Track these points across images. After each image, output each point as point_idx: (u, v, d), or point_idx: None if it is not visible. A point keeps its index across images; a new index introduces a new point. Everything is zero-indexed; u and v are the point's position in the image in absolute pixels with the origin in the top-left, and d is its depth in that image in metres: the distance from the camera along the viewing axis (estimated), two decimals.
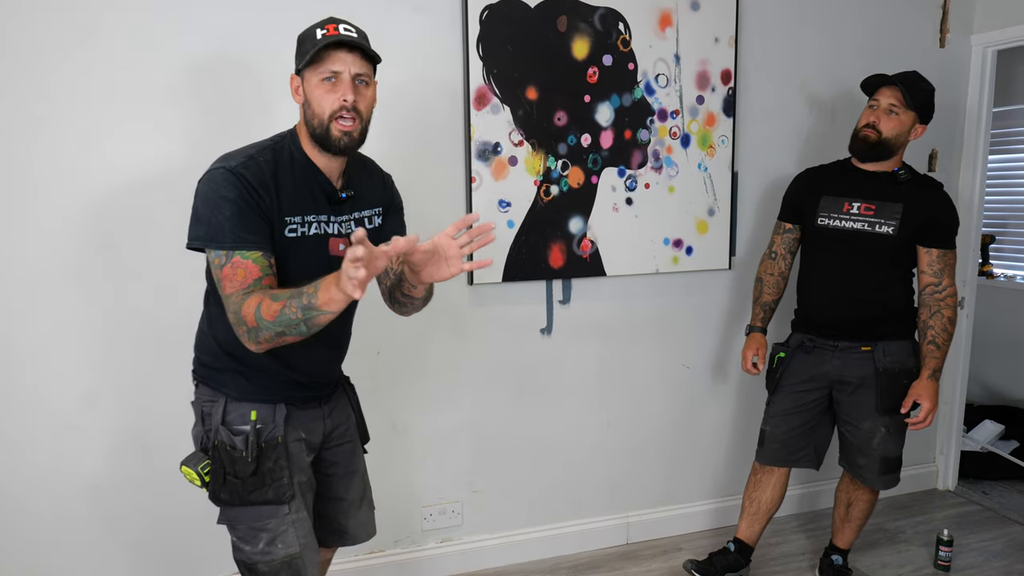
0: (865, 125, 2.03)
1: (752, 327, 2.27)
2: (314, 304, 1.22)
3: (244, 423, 1.40)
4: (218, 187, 1.29)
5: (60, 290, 1.89)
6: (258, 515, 1.40)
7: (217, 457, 1.39)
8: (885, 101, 2.00)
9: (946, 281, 2.02)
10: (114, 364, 1.96)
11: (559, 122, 2.25)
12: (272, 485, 1.39)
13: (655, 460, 2.62)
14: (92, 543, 2.00)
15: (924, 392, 2.00)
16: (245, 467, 1.38)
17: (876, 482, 2.12)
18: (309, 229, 1.39)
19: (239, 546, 1.43)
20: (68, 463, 1.95)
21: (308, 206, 1.39)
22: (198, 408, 1.46)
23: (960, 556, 2.49)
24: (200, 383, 1.47)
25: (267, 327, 1.25)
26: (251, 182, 1.30)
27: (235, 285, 1.28)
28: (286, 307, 1.24)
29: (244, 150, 1.37)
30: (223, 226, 1.28)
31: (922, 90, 2.01)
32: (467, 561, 2.40)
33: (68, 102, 1.83)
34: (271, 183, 1.33)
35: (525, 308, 2.35)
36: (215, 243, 1.29)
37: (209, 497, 1.42)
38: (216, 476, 1.39)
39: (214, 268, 1.31)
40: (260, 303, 1.25)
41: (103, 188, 1.89)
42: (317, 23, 1.36)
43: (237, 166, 1.31)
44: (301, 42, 1.37)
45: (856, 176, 2.08)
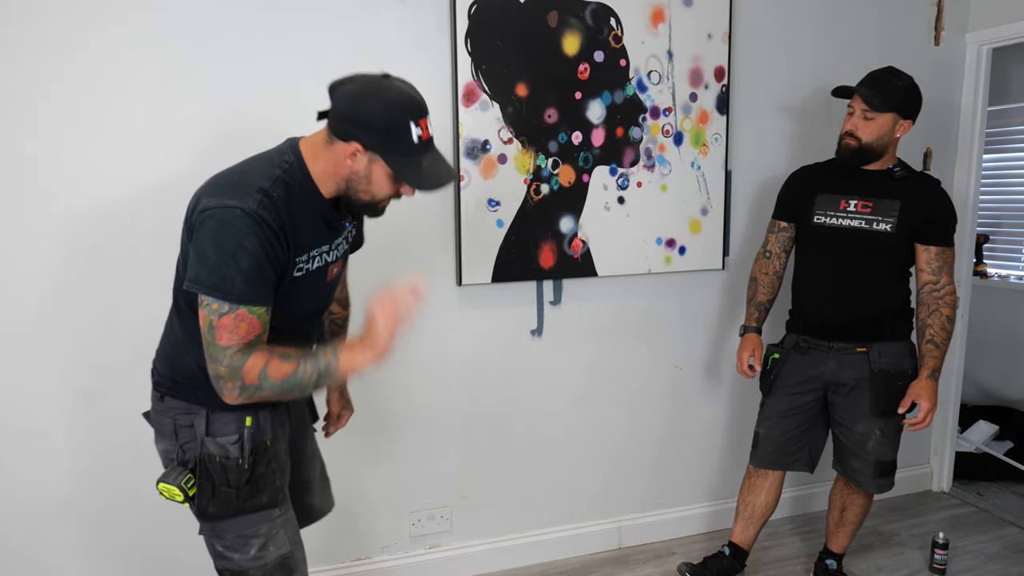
0: (846, 133, 2.00)
1: (747, 328, 2.23)
2: (333, 370, 1.22)
3: (233, 431, 1.35)
4: (237, 234, 1.18)
5: (50, 296, 1.84)
6: (248, 523, 1.36)
7: (204, 470, 1.34)
8: (858, 107, 1.97)
9: (944, 279, 1.98)
10: (108, 370, 1.91)
11: (549, 119, 2.20)
12: (266, 490, 1.37)
13: (647, 463, 2.58)
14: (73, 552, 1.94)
15: (923, 392, 1.96)
16: (240, 475, 1.34)
17: (870, 486, 2.09)
18: (313, 264, 1.35)
19: (226, 555, 1.38)
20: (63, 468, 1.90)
21: (315, 241, 1.34)
22: (167, 422, 1.38)
23: (955, 559, 2.46)
24: (168, 395, 1.39)
25: (271, 387, 1.22)
26: (272, 228, 1.21)
27: (234, 339, 1.21)
28: (299, 369, 1.21)
29: (253, 178, 1.24)
30: (235, 279, 1.19)
31: (895, 88, 1.94)
32: (456, 567, 2.35)
33: (72, 106, 1.78)
34: (287, 225, 1.25)
35: (515, 309, 2.30)
36: (221, 293, 1.19)
37: (196, 513, 1.37)
38: (204, 490, 1.34)
39: (209, 311, 1.20)
40: (268, 363, 1.21)
41: (102, 197, 1.85)
42: (404, 105, 1.23)
43: (256, 208, 1.19)
44: (389, 128, 1.22)
45: (852, 174, 2.04)
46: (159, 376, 1.42)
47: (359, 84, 1.25)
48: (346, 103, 1.24)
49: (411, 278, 1.22)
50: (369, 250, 2.06)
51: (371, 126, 1.22)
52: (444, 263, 2.19)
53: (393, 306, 1.19)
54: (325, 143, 1.28)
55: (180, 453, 1.36)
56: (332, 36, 1.99)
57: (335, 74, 1.96)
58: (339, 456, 2.17)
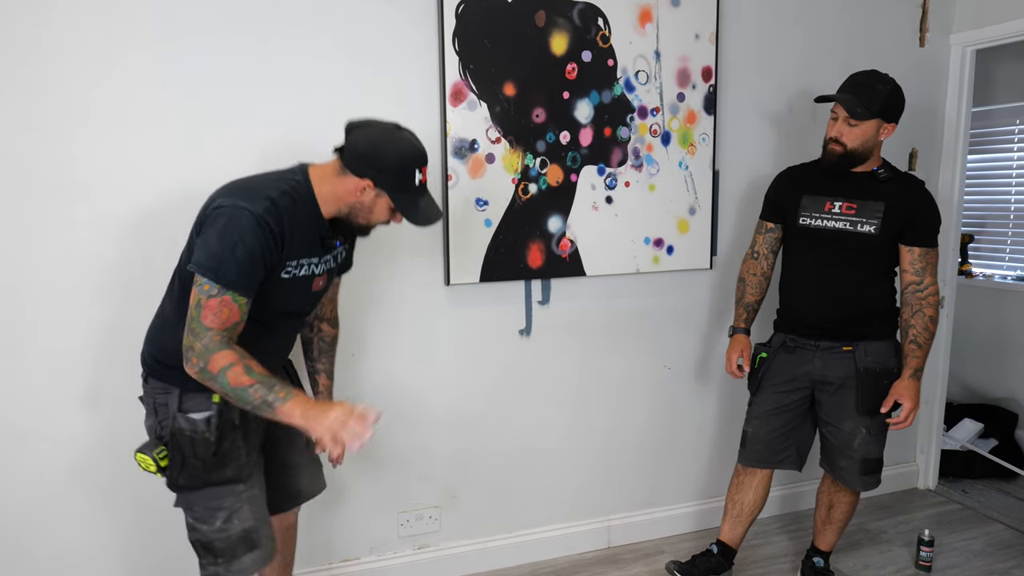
0: (830, 139, 2.00)
1: (736, 328, 2.24)
2: (275, 406, 1.34)
3: (204, 408, 1.47)
4: (241, 230, 1.35)
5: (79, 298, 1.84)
6: (214, 495, 1.48)
7: (175, 444, 1.46)
8: (842, 113, 1.97)
9: (928, 280, 2.00)
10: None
11: (537, 119, 2.20)
12: (231, 464, 1.49)
13: (636, 462, 2.58)
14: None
15: (905, 392, 1.98)
16: (207, 448, 1.46)
17: (857, 483, 2.10)
18: (300, 271, 1.50)
19: (196, 527, 1.50)
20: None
21: (306, 251, 1.50)
22: (150, 400, 1.52)
23: (941, 556, 2.48)
24: (151, 377, 1.53)
25: (222, 385, 1.34)
26: (272, 232, 1.39)
27: (216, 322, 1.35)
28: (252, 389, 1.34)
29: (264, 188, 1.42)
30: (230, 267, 1.35)
31: (878, 93, 1.94)
32: (445, 567, 2.35)
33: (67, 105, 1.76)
34: (287, 232, 1.42)
35: (503, 309, 2.30)
36: (215, 276, 1.34)
37: (167, 483, 1.49)
38: (174, 461, 1.47)
39: (200, 291, 1.35)
40: (233, 365, 1.34)
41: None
42: (414, 155, 1.47)
43: (263, 213, 1.37)
44: (400, 171, 1.45)
45: (837, 175, 2.05)
46: (144, 356, 1.56)
47: (376, 130, 1.47)
48: (364, 146, 1.45)
49: (370, 410, 1.35)
50: (358, 250, 2.06)
51: (384, 169, 1.44)
52: (432, 262, 2.19)
53: (348, 424, 1.33)
54: (336, 173, 1.48)
55: (158, 428, 1.50)
56: (320, 36, 1.98)
57: (323, 74, 1.98)
58: (325, 455, 2.17)
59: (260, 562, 1.55)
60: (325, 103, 2.00)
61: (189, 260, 1.41)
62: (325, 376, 1.84)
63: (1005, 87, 3.54)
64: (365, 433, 1.33)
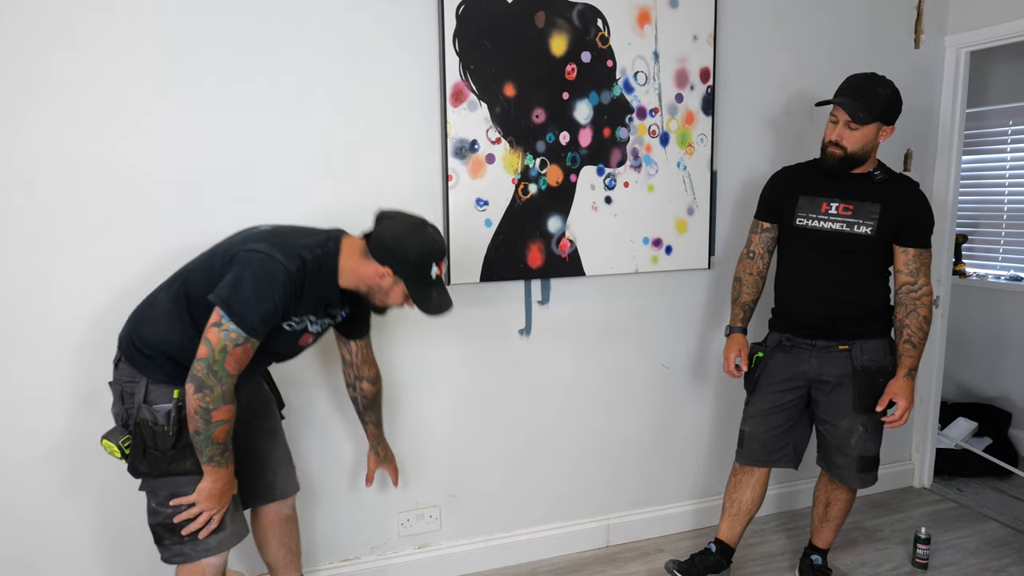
0: (830, 143, 2.01)
1: (732, 328, 2.25)
2: (211, 461, 1.51)
3: (166, 401, 1.53)
4: (273, 284, 1.47)
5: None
6: (177, 484, 1.54)
7: (138, 433, 1.53)
8: (842, 117, 1.98)
9: (922, 280, 2.02)
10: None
11: (537, 119, 2.21)
12: (191, 458, 1.53)
13: (634, 461, 2.59)
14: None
15: (900, 391, 2.00)
16: (166, 440, 1.52)
17: (854, 481, 2.12)
18: (299, 325, 1.60)
19: (158, 510, 1.56)
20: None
21: (312, 310, 1.60)
22: (117, 388, 1.58)
23: (937, 553, 2.50)
24: (124, 362, 1.57)
25: (206, 430, 1.47)
26: (296, 288, 1.51)
27: (236, 368, 1.47)
28: (217, 445, 1.49)
29: (299, 246, 1.53)
30: (255, 317, 1.46)
31: (879, 96, 1.96)
32: (445, 567, 2.35)
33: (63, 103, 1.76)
34: (304, 292, 1.53)
35: (503, 308, 2.31)
36: (242, 325, 1.45)
37: (128, 469, 1.54)
38: (136, 450, 1.53)
39: (226, 336, 1.44)
40: (226, 423, 1.49)
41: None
42: (433, 251, 1.59)
43: (295, 271, 1.49)
44: (418, 266, 1.58)
45: (834, 176, 2.06)
46: (123, 338, 1.60)
47: (403, 225, 1.60)
48: (389, 238, 1.57)
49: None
50: None
51: (405, 262, 1.57)
52: None
53: (216, 502, 1.55)
54: (362, 253, 1.60)
55: (125, 416, 1.56)
56: (320, 36, 1.98)
57: (322, 75, 1.99)
58: (327, 456, 2.18)
59: (226, 544, 1.61)
60: (325, 102, 2.01)
61: (206, 281, 1.51)
62: (372, 426, 2.00)
63: (998, 88, 3.57)
64: (212, 516, 1.55)
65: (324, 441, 2.17)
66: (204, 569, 1.60)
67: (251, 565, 2.13)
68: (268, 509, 1.87)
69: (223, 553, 1.62)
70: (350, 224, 2.05)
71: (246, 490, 1.75)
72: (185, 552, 1.57)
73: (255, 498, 1.83)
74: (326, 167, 2.04)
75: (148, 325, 1.57)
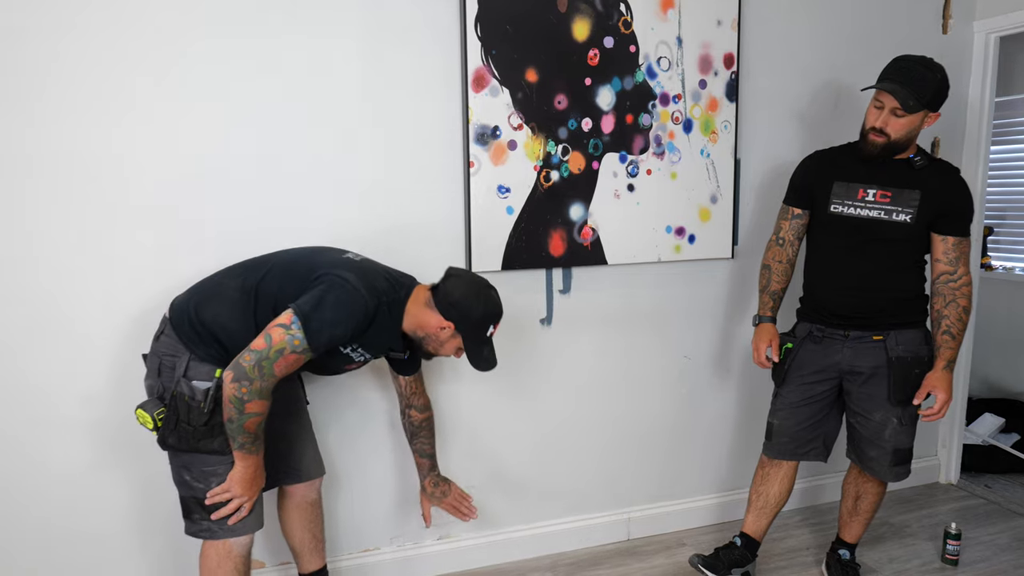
0: (872, 129, 1.93)
1: (761, 317, 2.19)
2: (242, 448, 1.54)
3: (206, 379, 1.56)
4: (350, 314, 1.55)
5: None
6: (208, 461, 1.58)
7: (173, 406, 1.55)
8: (889, 103, 1.89)
9: (961, 269, 1.96)
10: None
11: (559, 105, 2.18)
12: (219, 437, 1.56)
13: (656, 454, 2.56)
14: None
15: (939, 383, 1.94)
16: (200, 417, 1.54)
17: (888, 474, 2.07)
18: (354, 353, 1.68)
19: (192, 484, 1.59)
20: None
21: (371, 348, 1.69)
22: (155, 360, 1.60)
23: (967, 550, 2.44)
24: (169, 335, 1.59)
25: (239, 420, 1.49)
26: (369, 323, 1.59)
27: (283, 373, 1.52)
28: (247, 435, 1.52)
29: (382, 288, 1.62)
30: (324, 337, 1.52)
31: (928, 83, 1.87)
32: (465, 558, 2.33)
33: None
34: (370, 329, 1.61)
35: (524, 297, 2.28)
36: (310, 339, 1.50)
37: (157, 440, 1.57)
38: (168, 423, 1.55)
39: (289, 340, 1.49)
40: (259, 416, 1.51)
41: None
42: (494, 314, 1.71)
43: (372, 309, 1.58)
44: (479, 326, 1.69)
45: (871, 162, 1.99)
46: (174, 308, 1.63)
47: (471, 285, 1.70)
48: (457, 296, 1.68)
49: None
50: (381, 231, 2.05)
51: (467, 320, 1.67)
52: (453, 249, 2.17)
53: (247, 489, 1.59)
54: (427, 303, 1.69)
55: (160, 388, 1.58)
56: (342, 23, 1.96)
57: (346, 59, 1.96)
58: (347, 445, 2.16)
59: (250, 527, 1.64)
60: (347, 87, 1.99)
61: (281, 286, 1.58)
62: (419, 456, 2.00)
63: None
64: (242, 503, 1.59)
65: (345, 431, 2.15)
66: (231, 547, 1.62)
67: (271, 556, 2.11)
68: (295, 490, 1.88)
69: (249, 536, 1.64)
70: (369, 211, 2.05)
71: (273, 469, 1.76)
72: (212, 529, 1.60)
73: (282, 477, 1.85)
74: (345, 153, 2.02)
75: (211, 306, 1.60)
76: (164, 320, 1.64)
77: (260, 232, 1.93)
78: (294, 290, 1.57)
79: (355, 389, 2.14)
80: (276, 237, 1.91)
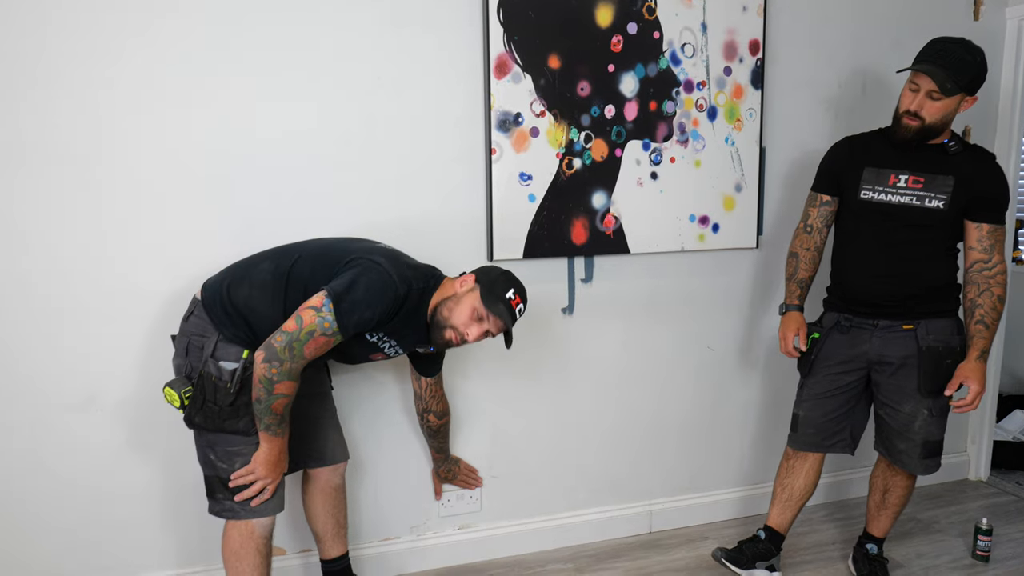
0: (906, 112, 1.87)
1: (788, 306, 2.15)
2: (269, 430, 1.56)
3: (233, 359, 1.58)
4: (380, 297, 1.56)
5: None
6: (232, 441, 1.59)
7: (200, 385, 1.57)
8: (925, 86, 1.83)
9: (996, 258, 1.91)
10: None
11: (582, 92, 2.16)
12: (245, 418, 1.57)
13: (678, 446, 2.53)
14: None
15: (972, 374, 1.89)
16: (225, 397, 1.56)
17: (917, 467, 2.03)
18: (380, 342, 1.69)
19: (216, 464, 1.61)
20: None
21: (396, 335, 1.69)
22: (184, 340, 1.62)
23: (998, 546, 2.39)
24: (199, 315, 1.61)
25: (267, 399, 1.51)
26: (398, 309, 1.60)
27: (313, 355, 1.53)
28: (274, 415, 1.54)
29: (413, 276, 1.65)
30: (353, 319, 1.53)
31: (968, 65, 1.81)
32: (485, 548, 2.32)
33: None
34: (398, 315, 1.62)
35: (546, 286, 2.26)
36: (340, 320, 1.51)
37: (184, 419, 1.60)
38: (195, 401, 1.57)
39: (320, 322, 1.51)
40: (286, 398, 1.53)
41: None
42: (514, 285, 1.70)
43: (403, 294, 1.59)
44: (498, 282, 1.68)
45: (903, 147, 1.94)
46: (207, 288, 1.65)
47: (496, 272, 1.73)
48: (482, 268, 1.75)
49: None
50: (402, 218, 2.05)
51: (487, 275, 1.70)
52: (475, 237, 2.15)
53: (271, 471, 1.61)
54: (449, 280, 1.73)
55: (188, 368, 1.60)
56: (365, 9, 1.96)
57: (368, 46, 1.96)
58: (370, 434, 2.16)
59: (271, 509, 1.66)
60: (368, 73, 1.98)
61: (313, 271, 1.60)
62: (435, 451, 2.12)
63: None
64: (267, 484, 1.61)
65: (368, 419, 2.15)
66: (253, 528, 1.64)
67: (293, 544, 2.12)
68: (319, 474, 1.89)
69: (271, 517, 1.66)
70: (391, 197, 2.05)
71: (297, 452, 1.78)
72: (235, 509, 1.62)
73: (306, 460, 1.87)
74: (367, 139, 2.01)
75: (243, 288, 1.62)
76: (195, 301, 1.67)
77: (284, 219, 1.94)
78: (325, 275, 1.58)
79: (378, 378, 2.13)
80: (299, 224, 1.93)
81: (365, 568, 2.16)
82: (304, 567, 2.13)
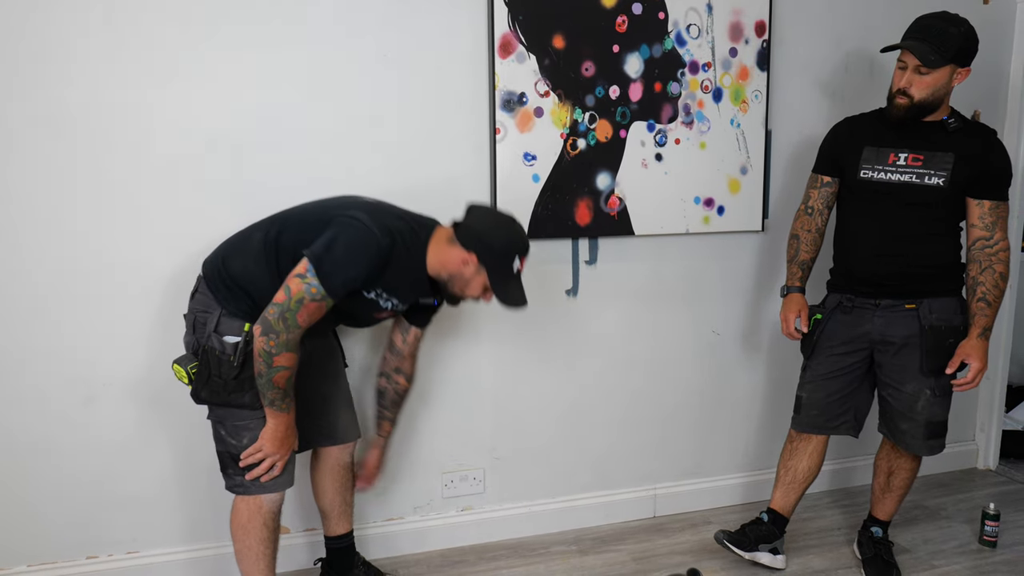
0: (897, 91, 1.88)
1: (790, 287, 2.14)
2: (273, 406, 1.56)
3: (235, 333, 1.58)
4: (362, 253, 1.52)
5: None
6: (240, 416, 1.60)
7: (205, 360, 1.57)
8: (911, 62, 1.84)
9: (998, 235, 1.90)
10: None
11: (587, 72, 2.16)
12: (249, 392, 1.58)
13: (683, 430, 2.52)
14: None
15: (973, 351, 1.88)
16: (229, 370, 1.56)
17: (921, 448, 2.01)
18: (380, 299, 1.64)
19: (226, 439, 1.63)
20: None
21: (394, 290, 1.64)
22: (191, 318, 1.64)
23: (1006, 532, 2.37)
24: (203, 292, 1.62)
25: (268, 374, 1.51)
26: (385, 263, 1.55)
27: (307, 322, 1.52)
28: (277, 390, 1.53)
29: (396, 226, 1.58)
30: (338, 279, 1.50)
31: (951, 37, 1.81)
32: (488, 530, 2.32)
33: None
34: (388, 268, 1.57)
35: (550, 268, 2.26)
36: (325, 283, 1.49)
37: (191, 394, 1.61)
38: (201, 376, 1.57)
39: (307, 289, 1.48)
40: (287, 370, 1.52)
41: None
42: (518, 244, 1.63)
43: (386, 247, 1.54)
44: (503, 255, 1.61)
45: (902, 125, 1.93)
46: (206, 265, 1.66)
47: (494, 216, 1.69)
48: (479, 226, 1.63)
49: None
50: (405, 199, 2.03)
51: (490, 251, 1.60)
52: None
53: (279, 447, 1.61)
54: (448, 240, 1.65)
55: (194, 344, 1.61)
56: None
57: (373, 26, 1.96)
58: (372, 413, 2.16)
59: (280, 485, 1.66)
60: (374, 52, 1.99)
61: (296, 234, 1.57)
62: (388, 424, 1.98)
63: None
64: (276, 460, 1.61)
65: (370, 397, 2.15)
66: (261, 503, 1.65)
67: (298, 522, 2.13)
68: (329, 452, 1.89)
69: (279, 493, 1.67)
70: (394, 177, 2.05)
71: (308, 429, 1.78)
72: (245, 484, 1.63)
73: (316, 439, 1.86)
74: (370, 119, 2.02)
75: (238, 260, 1.62)
76: (199, 278, 1.68)
77: (286, 199, 1.93)
78: (311, 237, 1.55)
79: None
80: (300, 200, 1.92)
81: (369, 548, 2.17)
82: (308, 546, 2.14)
